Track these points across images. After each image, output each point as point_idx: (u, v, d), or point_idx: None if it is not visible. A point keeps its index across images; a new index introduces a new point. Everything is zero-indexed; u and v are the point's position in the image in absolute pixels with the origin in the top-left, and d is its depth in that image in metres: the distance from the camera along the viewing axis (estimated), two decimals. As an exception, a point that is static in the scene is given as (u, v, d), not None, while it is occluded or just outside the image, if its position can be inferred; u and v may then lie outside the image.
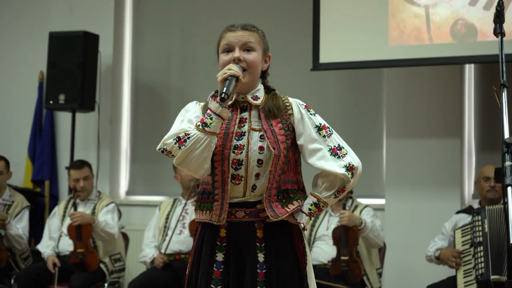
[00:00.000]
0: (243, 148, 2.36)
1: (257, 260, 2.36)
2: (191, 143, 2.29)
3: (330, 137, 2.41)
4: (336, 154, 2.39)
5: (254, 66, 2.41)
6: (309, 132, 2.40)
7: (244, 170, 2.35)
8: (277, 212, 2.36)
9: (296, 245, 2.42)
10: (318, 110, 2.50)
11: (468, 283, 4.14)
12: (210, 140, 2.29)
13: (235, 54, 2.39)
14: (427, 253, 4.48)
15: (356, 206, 4.74)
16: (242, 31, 2.42)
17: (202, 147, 2.29)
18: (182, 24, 6.23)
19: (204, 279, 2.39)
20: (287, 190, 2.41)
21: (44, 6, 6.43)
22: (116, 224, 5.07)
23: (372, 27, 4.92)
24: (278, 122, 2.39)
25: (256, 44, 2.42)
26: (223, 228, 2.40)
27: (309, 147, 2.40)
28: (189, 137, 2.29)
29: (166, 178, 5.94)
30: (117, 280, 5.17)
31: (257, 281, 2.34)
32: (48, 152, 6.18)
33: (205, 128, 2.29)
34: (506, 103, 2.12)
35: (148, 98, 6.28)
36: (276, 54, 2.55)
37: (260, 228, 2.38)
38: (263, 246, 2.37)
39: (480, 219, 4.14)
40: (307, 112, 2.43)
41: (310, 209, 2.40)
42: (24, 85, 6.42)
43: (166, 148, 2.34)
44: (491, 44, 4.46)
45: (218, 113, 2.29)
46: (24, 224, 5.22)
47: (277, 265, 2.36)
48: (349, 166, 2.38)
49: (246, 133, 2.37)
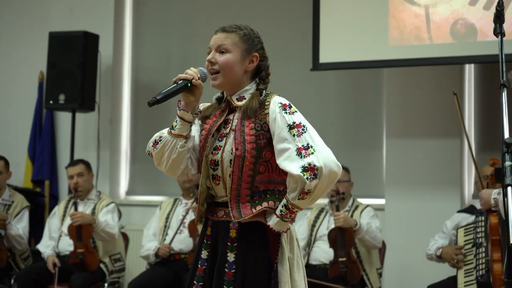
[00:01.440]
0: (220, 149, 2.39)
1: (227, 259, 2.37)
2: (161, 146, 2.43)
3: (301, 136, 2.30)
4: (300, 154, 2.28)
5: (227, 68, 2.41)
6: (279, 131, 2.33)
7: (220, 171, 2.39)
8: (242, 212, 2.35)
9: (269, 247, 2.37)
10: (318, 110, 2.51)
11: (468, 283, 4.13)
12: (176, 142, 2.40)
13: (208, 57, 2.46)
14: (428, 252, 4.47)
15: (356, 206, 4.74)
16: (220, 33, 2.46)
17: (169, 149, 2.41)
18: (182, 24, 6.23)
19: (191, 274, 2.47)
20: (267, 191, 2.38)
21: (44, 6, 6.42)
22: (117, 224, 5.07)
23: (372, 27, 4.92)
24: (251, 122, 2.37)
25: (232, 45, 2.42)
26: (209, 226, 2.46)
27: (278, 147, 2.33)
28: (160, 140, 2.44)
29: (166, 178, 5.94)
30: (117, 280, 5.17)
31: (224, 280, 2.35)
32: (48, 152, 6.18)
33: (171, 131, 2.42)
34: (506, 103, 2.12)
35: (148, 98, 6.22)
36: (276, 54, 2.55)
37: (234, 228, 2.39)
38: (234, 245, 2.38)
39: (483, 219, 4.13)
40: (282, 110, 2.35)
41: (281, 211, 2.32)
42: (24, 85, 6.42)
43: (149, 151, 2.50)
44: (491, 44, 4.46)
45: (180, 116, 2.40)
46: (24, 224, 5.22)
47: (245, 266, 2.35)
48: (308, 166, 2.24)
49: (227, 135, 2.41)
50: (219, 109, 2.49)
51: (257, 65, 2.46)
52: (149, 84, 6.30)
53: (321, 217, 4.79)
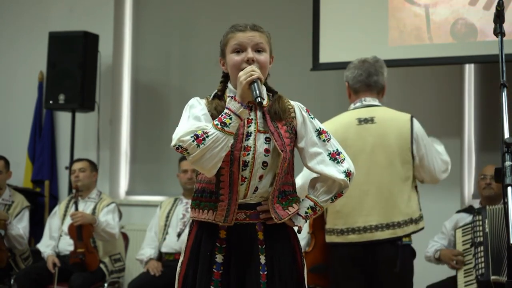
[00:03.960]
0: (250, 149, 2.35)
1: (260, 262, 2.36)
2: (210, 142, 2.24)
3: (329, 142, 2.44)
4: (335, 159, 2.43)
5: (265, 67, 2.40)
6: (310, 135, 2.43)
7: (249, 172, 2.34)
8: (279, 214, 2.38)
9: (294, 247, 2.44)
10: (318, 110, 2.52)
11: (468, 282, 4.13)
12: (228, 140, 2.26)
13: (249, 55, 2.36)
14: (426, 254, 4.48)
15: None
16: (252, 32, 2.40)
17: (220, 146, 2.25)
18: (182, 24, 6.23)
19: (204, 280, 2.37)
20: (285, 192, 2.42)
21: (44, 6, 6.42)
22: (117, 224, 5.07)
23: (372, 27, 4.92)
24: (283, 125, 2.39)
25: (266, 45, 2.42)
26: (222, 229, 2.38)
27: (310, 150, 2.43)
28: (208, 135, 2.25)
29: (166, 178, 5.95)
30: (117, 280, 5.17)
31: (260, 283, 2.34)
32: (48, 152, 6.18)
33: (224, 128, 2.26)
34: (506, 103, 2.12)
35: (148, 98, 6.28)
36: (276, 54, 2.54)
37: (260, 230, 2.39)
38: (264, 248, 2.38)
39: (481, 219, 4.14)
40: (308, 115, 2.45)
41: (307, 212, 2.43)
42: (24, 85, 6.42)
43: (182, 145, 2.27)
44: (491, 44, 4.46)
45: (238, 113, 2.27)
46: (25, 224, 5.22)
47: (279, 267, 2.37)
48: (348, 171, 2.43)
49: (253, 134, 2.36)
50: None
51: None
52: (149, 84, 6.29)
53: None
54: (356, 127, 3.47)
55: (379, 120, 3.48)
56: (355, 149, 3.39)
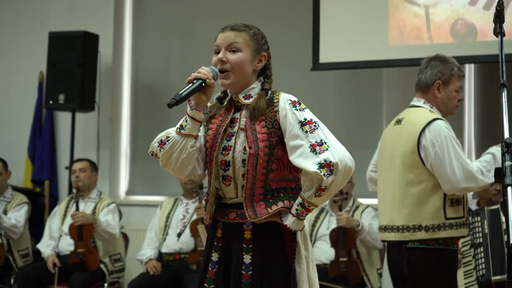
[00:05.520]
0: (230, 149, 2.36)
1: (243, 261, 2.34)
2: (169, 146, 2.38)
3: (314, 133, 2.29)
4: (314, 151, 2.27)
5: (238, 67, 2.38)
6: (290, 128, 2.31)
7: (232, 171, 2.36)
8: (258, 212, 2.33)
9: (286, 247, 2.36)
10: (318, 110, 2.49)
11: (469, 284, 4.13)
12: (186, 142, 2.35)
13: (219, 56, 2.41)
14: None
15: (357, 206, 4.74)
16: (229, 32, 2.41)
17: (178, 149, 2.36)
18: (182, 24, 6.23)
19: (200, 277, 2.43)
20: (279, 189, 2.36)
21: (44, 6, 6.42)
22: (117, 224, 5.08)
23: (372, 27, 4.92)
24: (262, 121, 2.35)
25: (243, 44, 2.39)
26: (219, 228, 2.42)
27: (290, 143, 2.31)
28: (168, 140, 2.38)
29: (166, 178, 5.94)
30: (117, 280, 5.17)
31: (242, 283, 2.33)
32: (48, 152, 6.18)
33: (181, 131, 2.37)
34: (506, 103, 2.12)
35: (148, 98, 6.28)
36: (276, 54, 2.54)
37: (248, 229, 2.36)
38: (250, 247, 2.35)
39: (480, 219, 4.13)
40: (292, 107, 2.34)
41: (297, 210, 2.31)
42: (24, 85, 6.42)
43: (153, 151, 2.45)
44: (491, 44, 4.46)
45: (191, 115, 2.36)
46: (19, 213, 5.19)
47: (262, 267, 2.33)
48: (325, 163, 2.24)
49: (235, 134, 2.38)
50: (222, 108, 2.46)
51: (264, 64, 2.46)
52: (149, 84, 6.29)
53: (321, 217, 4.79)
54: (390, 128, 3.54)
55: (404, 122, 3.46)
56: (381, 150, 3.52)
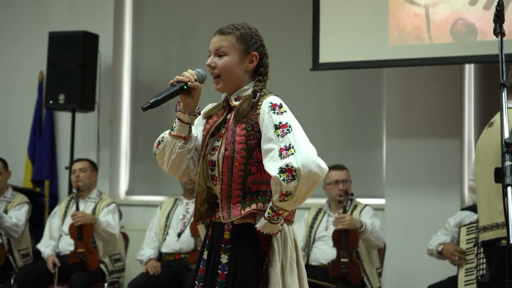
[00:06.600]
0: (217, 149, 2.39)
1: (220, 260, 2.36)
2: (162, 147, 2.45)
3: (284, 137, 2.24)
4: (281, 154, 2.22)
5: (226, 71, 2.41)
6: (266, 131, 2.29)
7: (217, 171, 2.37)
8: (232, 213, 2.35)
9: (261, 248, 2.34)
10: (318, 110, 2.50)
11: (468, 282, 4.13)
12: (175, 143, 2.42)
13: (207, 62, 2.45)
14: (429, 247, 4.46)
15: (355, 205, 4.74)
16: (217, 36, 2.45)
17: (169, 150, 2.43)
18: (181, 24, 6.23)
19: (193, 275, 2.48)
20: (259, 192, 2.35)
21: (44, 6, 6.42)
22: (117, 224, 5.08)
23: (372, 27, 4.92)
24: (243, 123, 2.35)
25: (229, 47, 2.41)
26: (210, 227, 2.46)
27: (264, 147, 2.29)
28: (162, 141, 2.46)
29: (166, 178, 5.94)
30: (117, 280, 5.17)
31: (217, 282, 2.35)
32: (48, 152, 6.18)
33: (171, 132, 2.43)
34: (506, 103, 2.12)
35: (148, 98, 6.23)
36: (276, 54, 2.54)
37: (228, 230, 2.37)
38: (228, 247, 2.36)
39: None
40: (270, 110, 2.30)
41: (269, 213, 2.27)
42: (24, 85, 6.42)
43: (155, 152, 2.51)
44: (491, 44, 4.46)
45: (178, 117, 2.41)
46: (20, 212, 5.19)
47: (236, 267, 2.34)
48: (286, 168, 2.18)
49: (223, 135, 2.40)
50: (222, 108, 2.48)
51: (258, 63, 2.45)
52: (149, 84, 6.29)
53: (319, 218, 4.78)
54: (484, 132, 3.46)
55: (496, 124, 3.35)
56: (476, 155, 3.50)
